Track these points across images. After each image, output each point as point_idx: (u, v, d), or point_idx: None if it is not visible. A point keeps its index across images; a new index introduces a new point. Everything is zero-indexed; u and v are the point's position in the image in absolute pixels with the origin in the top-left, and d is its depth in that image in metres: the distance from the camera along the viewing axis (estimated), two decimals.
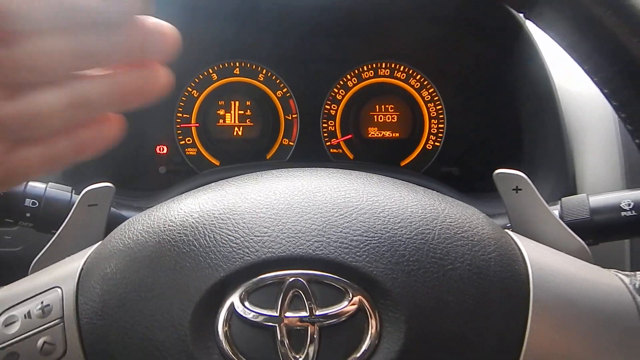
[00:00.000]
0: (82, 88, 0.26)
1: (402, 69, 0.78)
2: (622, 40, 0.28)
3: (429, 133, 0.78)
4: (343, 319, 0.27)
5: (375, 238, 0.29)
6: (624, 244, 0.54)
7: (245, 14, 0.72)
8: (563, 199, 0.42)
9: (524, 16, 0.30)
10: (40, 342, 0.29)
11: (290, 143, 0.80)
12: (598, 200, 0.41)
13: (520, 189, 0.37)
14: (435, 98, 0.78)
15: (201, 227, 0.30)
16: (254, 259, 0.28)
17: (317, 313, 0.27)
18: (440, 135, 0.78)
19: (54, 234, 0.39)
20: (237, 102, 0.79)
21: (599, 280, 0.31)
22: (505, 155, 0.70)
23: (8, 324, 0.30)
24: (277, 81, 0.78)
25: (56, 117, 0.26)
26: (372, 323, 0.27)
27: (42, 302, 0.30)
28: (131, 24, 0.26)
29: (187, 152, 0.79)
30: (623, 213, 0.39)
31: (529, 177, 0.37)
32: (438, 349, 0.27)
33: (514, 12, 0.63)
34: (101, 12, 0.25)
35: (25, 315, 0.30)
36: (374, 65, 0.78)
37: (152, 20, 0.26)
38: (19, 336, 0.29)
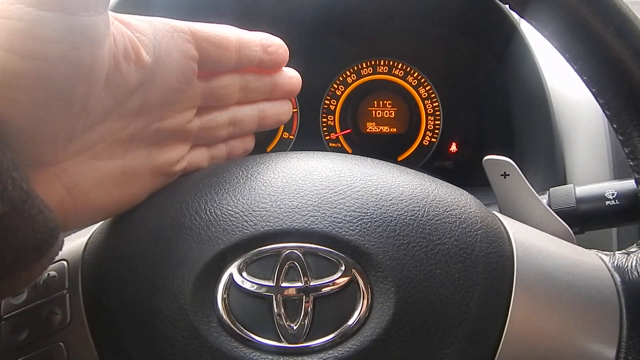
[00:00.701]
0: (239, 112, 0.37)
1: (400, 66, 0.79)
2: (596, 28, 0.29)
3: (426, 129, 0.80)
4: (336, 289, 0.29)
5: (368, 214, 0.30)
6: (611, 231, 0.55)
7: (246, 12, 0.74)
8: (551, 189, 0.44)
9: (510, 7, 0.32)
10: (45, 311, 0.30)
11: (291, 137, 0.81)
12: (584, 190, 0.42)
13: (508, 175, 0.38)
14: (432, 95, 0.79)
15: (202, 202, 0.31)
16: (252, 232, 0.30)
17: (312, 284, 0.29)
18: (436, 131, 0.80)
19: None
20: None
21: (580, 259, 0.32)
22: (498, 150, 0.71)
23: (15, 294, 0.31)
24: None
25: (222, 131, 0.37)
26: (364, 294, 0.29)
27: (48, 274, 0.31)
28: (277, 71, 0.38)
29: None
30: (607, 202, 0.40)
31: (521, 171, 0.38)
32: (425, 318, 0.29)
33: (508, 13, 0.65)
34: (261, 62, 0.36)
35: (31, 287, 0.31)
36: (373, 63, 0.80)
37: (288, 70, 0.39)
38: (25, 306, 0.30)
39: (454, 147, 0.79)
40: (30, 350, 0.30)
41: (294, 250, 0.29)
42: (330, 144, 0.81)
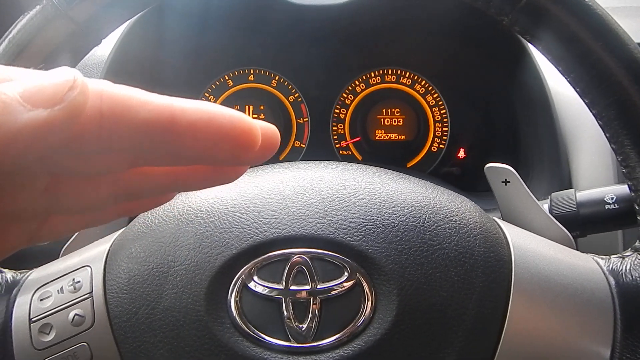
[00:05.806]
0: (130, 182, 0.23)
1: (407, 75, 0.81)
2: (587, 43, 0.31)
3: (434, 136, 0.81)
4: (342, 292, 0.30)
5: (372, 220, 0.32)
6: (617, 233, 0.56)
7: (257, 24, 0.76)
8: (553, 194, 0.45)
9: (504, 23, 0.33)
10: (71, 314, 0.32)
11: (302, 145, 0.83)
12: (584, 194, 0.43)
13: (509, 182, 0.39)
14: (440, 103, 0.81)
15: (216, 210, 0.33)
16: (262, 238, 0.31)
17: (319, 287, 0.30)
18: (444, 138, 0.81)
19: None
20: (251, 107, 0.83)
21: (576, 263, 0.33)
22: (504, 156, 0.72)
23: (43, 298, 0.33)
24: (290, 87, 0.82)
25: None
26: (368, 296, 0.30)
27: (73, 279, 0.33)
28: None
29: None
30: (607, 206, 0.42)
31: (526, 176, 0.40)
32: (426, 319, 0.30)
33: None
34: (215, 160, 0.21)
35: (58, 291, 0.33)
36: (381, 72, 0.81)
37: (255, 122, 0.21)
38: (52, 309, 0.32)
39: (461, 153, 0.80)
40: (56, 351, 0.32)
41: (302, 255, 0.31)
42: (341, 152, 0.83)
